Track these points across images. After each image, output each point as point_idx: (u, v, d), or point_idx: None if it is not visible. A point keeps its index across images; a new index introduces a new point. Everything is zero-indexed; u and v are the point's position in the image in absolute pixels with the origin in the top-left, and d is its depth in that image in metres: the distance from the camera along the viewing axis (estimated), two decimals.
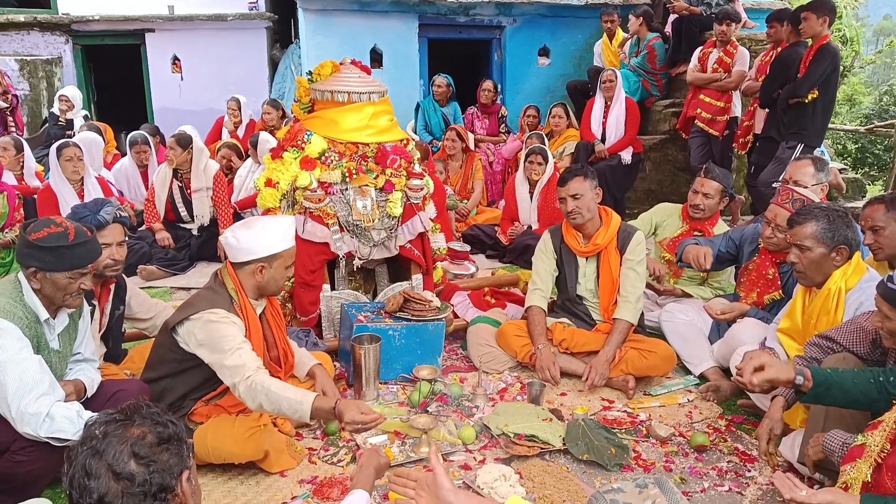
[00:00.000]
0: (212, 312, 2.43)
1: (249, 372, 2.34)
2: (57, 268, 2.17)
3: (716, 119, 6.14)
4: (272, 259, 2.54)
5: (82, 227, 2.25)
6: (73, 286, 2.21)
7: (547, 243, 3.48)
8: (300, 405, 2.28)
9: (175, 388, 2.55)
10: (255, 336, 2.55)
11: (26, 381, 2.04)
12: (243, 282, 2.56)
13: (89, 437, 1.24)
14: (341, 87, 3.52)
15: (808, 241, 2.63)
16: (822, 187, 3.54)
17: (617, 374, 3.20)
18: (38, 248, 2.15)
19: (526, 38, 8.11)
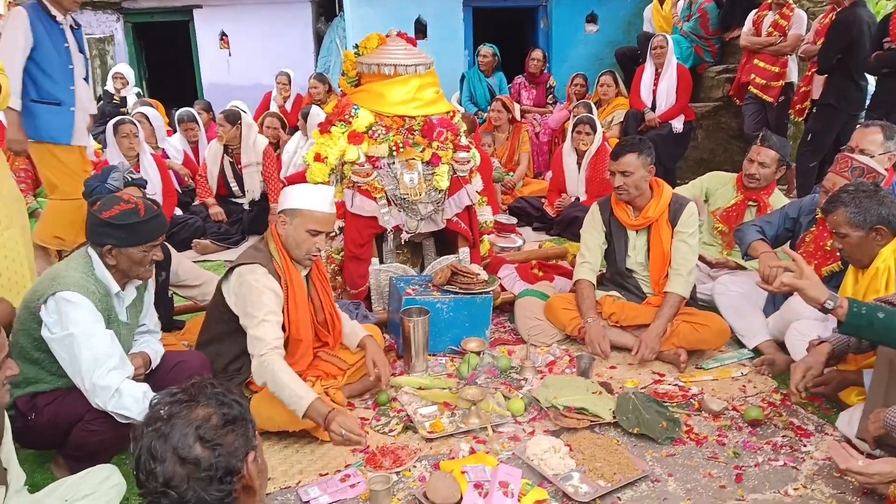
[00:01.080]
0: (251, 269, 2.50)
1: (265, 349, 2.38)
2: (131, 243, 2.25)
3: (770, 85, 5.92)
4: (293, 214, 2.57)
5: (149, 202, 2.33)
6: (147, 258, 2.31)
7: (595, 216, 3.44)
8: (299, 400, 2.29)
9: (226, 350, 2.63)
10: (300, 297, 2.62)
11: (99, 354, 2.12)
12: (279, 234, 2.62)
13: (154, 417, 1.23)
14: (387, 60, 3.51)
15: (843, 228, 2.57)
16: (889, 156, 3.38)
17: (668, 347, 3.17)
18: (111, 225, 2.23)
19: (573, 4, 7.94)
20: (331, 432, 2.26)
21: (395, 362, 3.19)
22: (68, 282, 2.18)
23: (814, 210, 3.24)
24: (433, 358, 3.24)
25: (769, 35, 5.89)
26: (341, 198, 3.57)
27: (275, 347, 2.41)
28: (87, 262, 2.29)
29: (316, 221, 2.58)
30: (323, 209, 2.59)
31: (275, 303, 2.50)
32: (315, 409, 2.29)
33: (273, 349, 2.40)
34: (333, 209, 2.66)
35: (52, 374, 2.25)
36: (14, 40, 3.78)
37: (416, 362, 3.11)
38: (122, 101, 7.53)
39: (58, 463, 2.40)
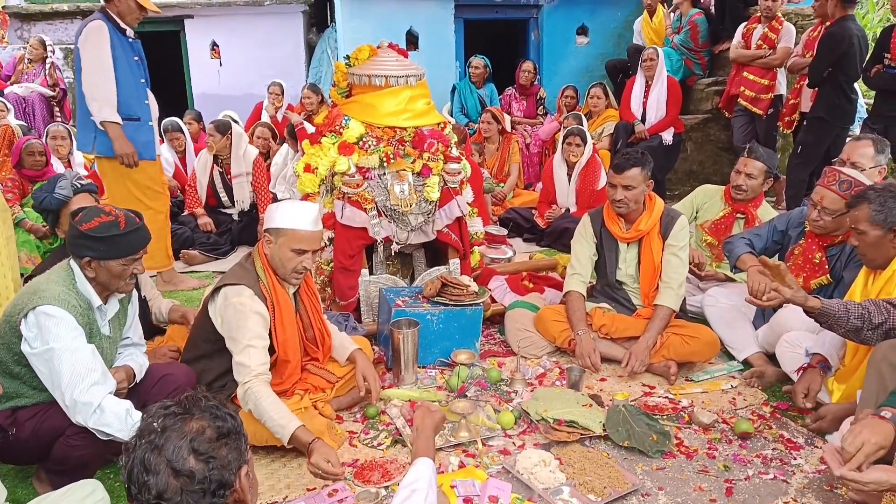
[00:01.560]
0: (237, 292, 2.46)
1: (250, 377, 2.35)
2: (111, 256, 2.22)
3: (760, 97, 5.97)
4: (277, 233, 2.52)
5: (130, 215, 2.30)
6: (126, 272, 2.27)
7: (587, 227, 3.44)
8: (282, 429, 2.25)
9: (212, 367, 2.61)
10: (286, 316, 2.58)
11: (79, 370, 2.08)
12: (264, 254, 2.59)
13: (148, 430, 1.22)
14: (378, 71, 3.51)
15: (863, 224, 2.54)
16: (879, 170, 3.39)
17: (658, 359, 3.16)
18: (90, 237, 2.19)
19: (564, 16, 7.98)
20: (309, 465, 2.19)
21: (384, 374, 3.16)
22: (49, 296, 2.14)
23: (802, 223, 3.25)
24: (423, 370, 3.22)
25: (759, 48, 5.94)
26: (331, 209, 3.56)
27: (259, 374, 2.37)
28: (69, 274, 2.26)
29: (300, 240, 2.52)
30: (307, 227, 2.53)
31: (261, 326, 2.46)
32: (297, 438, 2.23)
33: (257, 376, 2.37)
34: (318, 226, 2.60)
35: (33, 389, 2.22)
36: (103, 54, 3.81)
37: (406, 375, 3.08)
38: None
39: (40, 478, 2.36)
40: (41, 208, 2.94)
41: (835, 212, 2.98)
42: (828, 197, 2.98)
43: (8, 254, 3.02)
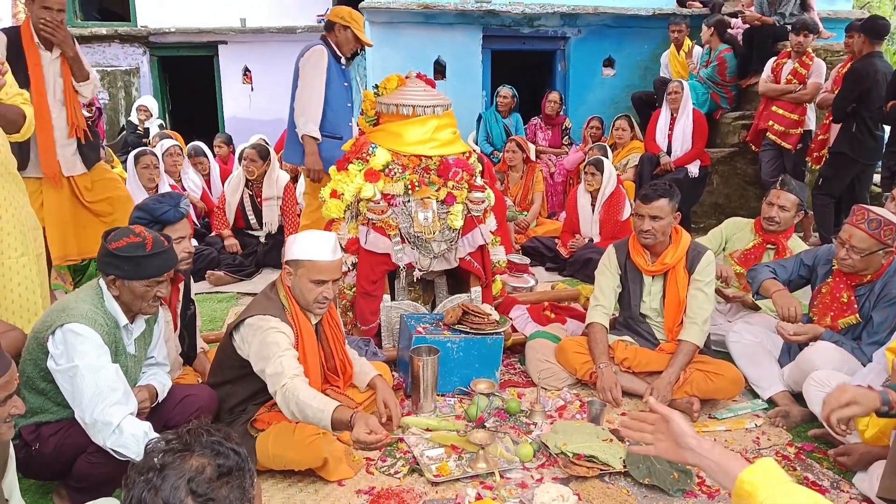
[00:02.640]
0: (263, 319, 2.48)
1: (286, 379, 2.34)
2: (135, 276, 2.25)
3: (789, 132, 5.94)
4: (296, 265, 2.56)
5: (160, 238, 2.33)
6: (149, 294, 2.30)
7: (612, 258, 3.42)
8: (322, 414, 2.26)
9: (236, 392, 2.62)
10: (308, 344, 2.59)
11: (102, 388, 2.11)
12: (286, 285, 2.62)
13: (147, 467, 1.17)
14: (406, 101, 3.56)
15: None
16: None
17: (681, 395, 3.12)
18: (117, 256, 2.23)
19: (590, 48, 8.03)
20: (353, 443, 2.23)
21: (402, 402, 3.15)
22: (76, 314, 2.18)
23: (830, 260, 3.21)
24: (442, 398, 3.21)
25: (788, 83, 5.93)
26: (355, 234, 3.59)
27: (295, 375, 2.37)
28: (98, 293, 2.30)
29: (319, 271, 2.55)
30: (325, 258, 2.55)
31: (289, 343, 2.48)
32: (338, 419, 2.25)
33: (293, 377, 2.36)
34: (337, 255, 2.62)
35: (57, 405, 2.25)
36: (319, 76, 4.32)
37: (425, 402, 3.07)
38: (146, 132, 7.68)
39: (60, 494, 2.38)
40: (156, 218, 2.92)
41: (863, 250, 2.94)
42: (856, 236, 2.94)
43: (38, 270, 3.09)
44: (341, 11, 4.52)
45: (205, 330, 4.03)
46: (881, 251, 2.95)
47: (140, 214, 2.80)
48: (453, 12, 7.45)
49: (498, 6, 7.46)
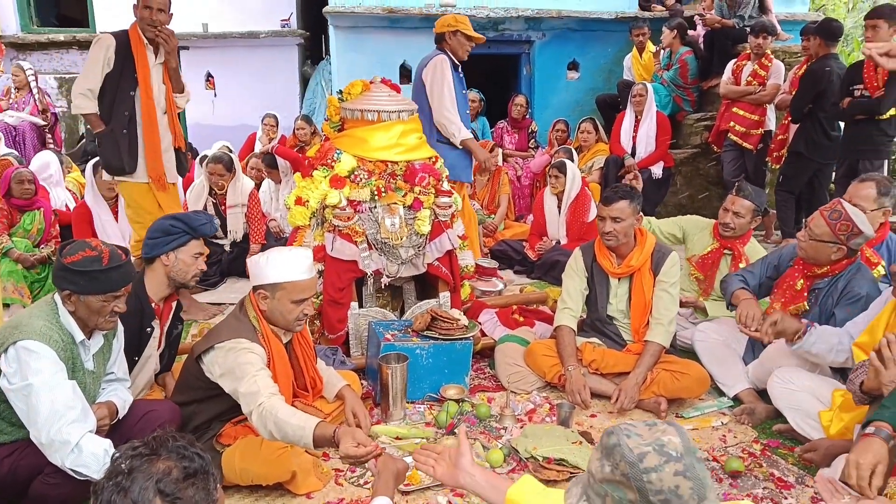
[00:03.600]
0: (234, 342, 2.42)
1: (262, 398, 2.26)
2: (90, 291, 2.19)
3: (750, 132, 6.05)
4: (274, 289, 2.49)
5: (117, 251, 2.27)
6: (106, 309, 2.23)
7: (578, 261, 3.44)
8: (303, 431, 2.17)
9: (202, 412, 2.56)
10: (280, 365, 2.54)
11: (58, 406, 2.04)
12: (260, 309, 2.54)
13: (115, 471, 1.21)
14: (371, 106, 3.54)
15: None
16: (883, 212, 3.39)
17: (648, 395, 3.14)
18: (72, 271, 2.17)
19: (555, 52, 8.10)
20: (340, 457, 2.18)
21: (372, 410, 3.13)
22: (30, 330, 2.11)
23: (794, 257, 3.27)
24: (411, 405, 3.19)
25: (748, 84, 6.04)
26: (321, 241, 3.55)
27: (271, 394, 2.30)
28: (53, 308, 2.23)
29: (301, 291, 2.51)
30: (304, 276, 2.52)
31: (263, 363, 2.42)
32: (321, 436, 2.16)
33: (270, 396, 2.28)
34: (313, 271, 2.59)
35: (11, 425, 2.18)
36: (447, 83, 4.48)
37: (394, 410, 3.05)
38: None
39: None
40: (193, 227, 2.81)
41: (818, 235, 2.98)
42: (817, 220, 3.00)
43: None
44: (445, 20, 4.66)
45: None
46: (832, 245, 2.98)
47: (175, 223, 2.77)
48: (418, 16, 7.45)
49: (463, 10, 7.46)
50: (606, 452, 1.28)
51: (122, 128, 3.90)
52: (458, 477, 1.78)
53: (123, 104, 3.88)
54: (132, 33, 3.86)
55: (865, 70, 4.84)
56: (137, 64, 3.83)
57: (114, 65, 3.82)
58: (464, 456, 1.79)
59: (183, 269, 2.77)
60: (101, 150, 4.03)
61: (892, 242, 3.54)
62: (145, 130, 3.91)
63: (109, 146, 3.93)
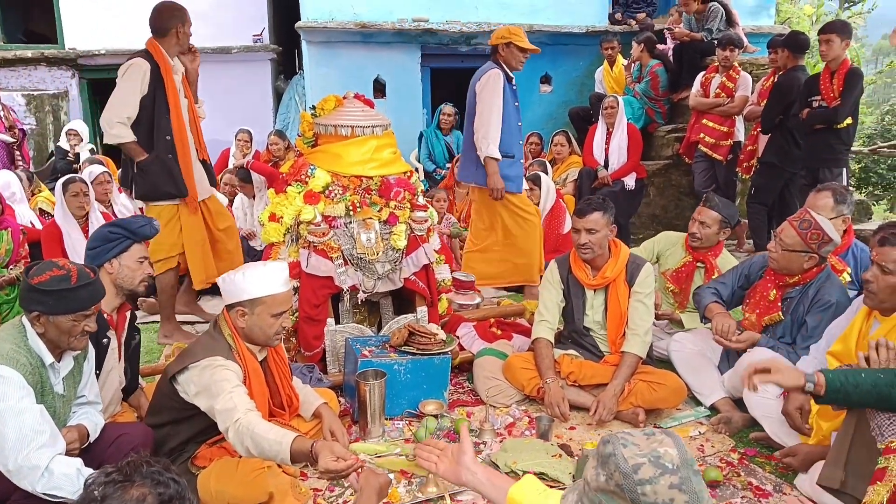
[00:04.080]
0: (210, 360, 2.39)
1: (238, 414, 2.23)
2: (60, 311, 2.14)
3: (719, 143, 6.15)
4: (253, 304, 2.46)
5: (84, 269, 2.22)
6: (77, 328, 2.18)
7: (554, 273, 3.46)
8: (280, 446, 2.14)
9: (177, 434, 2.51)
10: (255, 382, 2.51)
11: (26, 432, 1.98)
12: (237, 327, 2.52)
13: (88, 499, 1.18)
14: (345, 122, 3.54)
15: (891, 265, 2.43)
16: (843, 219, 3.48)
17: (626, 407, 3.16)
18: (40, 291, 2.12)
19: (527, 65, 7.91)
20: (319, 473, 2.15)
21: (350, 427, 3.10)
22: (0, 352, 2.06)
23: (764, 266, 3.32)
24: (390, 422, 3.16)
25: (717, 96, 6.15)
26: (296, 257, 3.53)
27: (248, 410, 2.27)
28: (20, 330, 2.17)
29: (280, 304, 2.50)
30: (282, 290, 2.52)
31: (239, 380, 2.40)
32: (298, 450, 2.13)
33: (246, 412, 2.25)
34: (290, 284, 2.58)
35: None
36: (497, 98, 4.51)
37: (373, 427, 3.02)
38: (76, 157, 7.40)
39: None
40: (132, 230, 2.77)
41: (788, 246, 3.04)
42: (786, 231, 3.05)
43: None
44: (499, 32, 4.65)
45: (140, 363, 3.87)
46: (804, 254, 3.04)
47: (114, 229, 2.77)
48: (391, 31, 7.48)
49: (435, 25, 7.51)
50: (602, 461, 1.27)
51: (168, 152, 3.89)
52: (460, 473, 1.78)
53: (161, 128, 3.86)
54: (157, 54, 3.84)
55: (822, 82, 5.02)
56: (167, 84, 3.83)
57: (147, 89, 3.81)
58: (466, 453, 1.80)
59: (129, 275, 2.76)
60: (146, 178, 3.90)
61: (857, 249, 3.62)
62: (179, 149, 3.90)
63: (160, 173, 3.87)
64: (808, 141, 5.22)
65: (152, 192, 3.96)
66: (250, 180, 6.09)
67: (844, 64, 4.99)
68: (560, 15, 7.92)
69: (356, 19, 7.38)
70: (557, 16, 7.92)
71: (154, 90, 3.80)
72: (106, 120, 3.83)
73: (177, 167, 3.90)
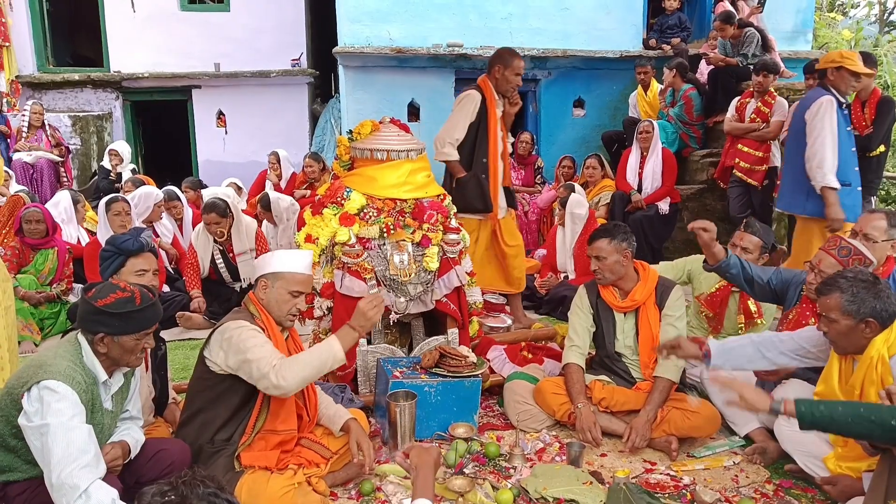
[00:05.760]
0: (237, 324, 2.55)
1: (275, 360, 2.43)
2: (126, 331, 2.22)
3: (754, 169, 6.08)
4: (274, 277, 2.67)
5: (146, 291, 2.31)
6: (139, 347, 2.28)
7: (583, 298, 3.45)
8: (330, 348, 2.50)
9: (217, 417, 2.59)
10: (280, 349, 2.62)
11: (72, 450, 2.04)
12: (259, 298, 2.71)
13: None
14: (380, 146, 3.60)
15: (833, 313, 2.53)
16: (893, 244, 3.42)
17: (659, 434, 3.12)
18: (106, 314, 2.19)
19: (561, 90, 8.21)
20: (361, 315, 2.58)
21: (380, 449, 3.11)
22: (54, 370, 2.12)
23: (801, 286, 3.27)
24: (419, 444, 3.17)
25: (752, 121, 6.10)
26: (331, 278, 3.58)
27: (281, 357, 2.47)
28: (76, 349, 2.24)
29: (297, 283, 2.69)
30: (303, 271, 2.72)
31: (265, 338, 2.56)
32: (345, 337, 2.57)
33: (280, 358, 2.46)
34: (311, 271, 2.77)
35: (27, 463, 2.17)
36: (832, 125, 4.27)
37: (403, 449, 3.03)
38: (118, 177, 7.62)
39: None
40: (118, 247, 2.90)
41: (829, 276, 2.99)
42: (825, 261, 3.02)
43: (6, 324, 3.02)
44: (830, 56, 4.55)
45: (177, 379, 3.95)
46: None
47: (107, 247, 2.91)
48: (426, 56, 7.58)
49: (469, 50, 7.60)
50: None
51: (483, 172, 4.46)
52: None
53: (482, 151, 4.45)
54: (486, 89, 4.44)
55: (853, 111, 5.00)
56: (490, 116, 4.41)
57: (475, 118, 4.39)
58: None
59: None
60: (462, 192, 4.41)
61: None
62: (491, 172, 4.47)
63: (475, 189, 4.42)
64: None
65: (464, 204, 4.40)
66: (270, 208, 6.13)
67: (875, 93, 5.01)
68: (593, 40, 7.95)
69: (392, 45, 7.50)
70: (591, 41, 7.95)
71: (480, 119, 4.42)
72: (439, 139, 4.47)
73: (487, 186, 4.45)
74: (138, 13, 9.29)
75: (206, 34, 9.38)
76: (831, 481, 2.65)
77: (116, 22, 9.29)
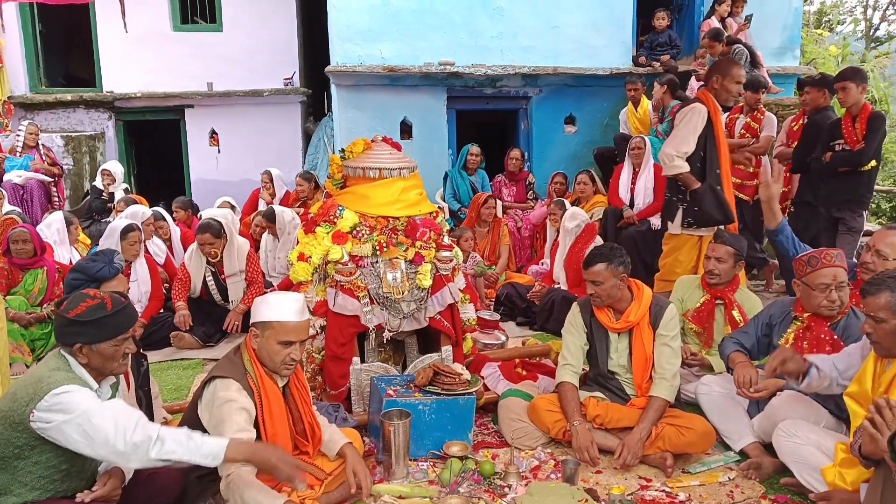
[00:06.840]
0: (225, 386, 2.45)
1: (233, 468, 2.26)
2: (101, 338, 2.22)
3: (745, 184, 6.11)
4: (263, 327, 2.54)
5: (116, 295, 2.31)
6: (119, 352, 2.27)
7: (577, 317, 3.45)
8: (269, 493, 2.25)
9: None
10: (276, 408, 2.55)
11: (121, 416, 2.08)
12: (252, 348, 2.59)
13: None
14: (373, 164, 3.61)
15: (882, 312, 2.47)
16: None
17: (654, 451, 3.11)
18: (79, 323, 2.20)
19: (552, 107, 8.26)
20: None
21: (374, 468, 3.09)
22: (55, 380, 2.12)
23: (786, 312, 3.29)
24: (414, 463, 3.15)
25: (742, 137, 6.14)
26: (324, 296, 3.57)
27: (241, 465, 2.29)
28: (64, 362, 2.24)
29: (287, 332, 2.54)
30: (292, 318, 2.55)
31: (245, 420, 2.43)
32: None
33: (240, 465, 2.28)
34: (304, 316, 2.61)
35: (22, 486, 2.14)
36: None
37: (397, 468, 3.01)
38: (111, 197, 7.60)
39: None
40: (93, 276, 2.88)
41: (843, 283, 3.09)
42: (840, 274, 3.06)
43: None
44: None
45: (168, 400, 3.93)
46: None
47: (76, 276, 2.85)
48: (418, 75, 7.63)
49: (461, 68, 7.66)
50: None
51: (717, 184, 4.46)
52: None
53: (714, 163, 4.45)
54: (708, 101, 4.44)
55: (844, 126, 5.09)
56: (717, 127, 4.44)
57: (702, 130, 4.40)
58: None
59: None
60: (698, 205, 4.40)
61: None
62: (724, 182, 4.50)
63: (713, 200, 4.41)
64: (829, 184, 5.22)
65: (701, 217, 4.44)
66: (275, 220, 6.16)
67: (865, 108, 5.07)
68: (583, 58, 8.02)
69: (384, 63, 7.55)
70: (581, 59, 8.02)
71: (706, 130, 4.43)
72: (666, 154, 4.48)
73: (723, 196, 4.44)
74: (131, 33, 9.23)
75: (198, 54, 9.41)
76: (826, 497, 2.65)
77: (109, 42, 9.31)
